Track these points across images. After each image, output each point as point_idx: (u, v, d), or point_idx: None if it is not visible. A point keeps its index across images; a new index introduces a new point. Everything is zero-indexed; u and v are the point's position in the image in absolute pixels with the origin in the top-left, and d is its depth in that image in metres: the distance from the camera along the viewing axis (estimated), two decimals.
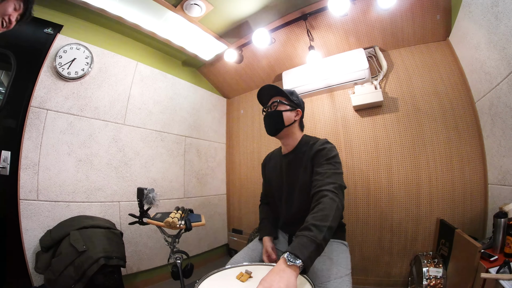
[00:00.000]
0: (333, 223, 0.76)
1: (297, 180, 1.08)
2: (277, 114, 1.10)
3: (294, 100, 1.14)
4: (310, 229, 0.73)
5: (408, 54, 2.06)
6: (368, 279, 1.97)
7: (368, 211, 2.02)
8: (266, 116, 1.14)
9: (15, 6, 0.90)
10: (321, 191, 0.85)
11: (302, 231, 0.74)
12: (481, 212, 1.65)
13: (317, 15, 2.00)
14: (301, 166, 1.06)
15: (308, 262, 0.67)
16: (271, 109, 1.13)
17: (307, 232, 0.72)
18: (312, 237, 0.70)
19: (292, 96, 1.14)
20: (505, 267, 0.97)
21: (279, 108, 1.11)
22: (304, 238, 0.71)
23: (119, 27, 2.11)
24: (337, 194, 0.84)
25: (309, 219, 0.77)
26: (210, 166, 2.89)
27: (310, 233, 0.71)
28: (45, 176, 1.65)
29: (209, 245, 2.72)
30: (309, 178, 1.00)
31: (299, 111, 1.17)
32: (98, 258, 1.39)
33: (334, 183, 0.87)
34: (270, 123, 1.13)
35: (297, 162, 1.10)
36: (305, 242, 0.70)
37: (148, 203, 1.28)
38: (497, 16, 1.28)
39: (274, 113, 1.11)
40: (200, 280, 0.76)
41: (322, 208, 0.79)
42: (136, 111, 2.22)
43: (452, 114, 1.83)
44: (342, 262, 0.98)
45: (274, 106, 1.12)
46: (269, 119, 1.12)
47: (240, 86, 3.01)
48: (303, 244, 0.69)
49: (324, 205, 0.80)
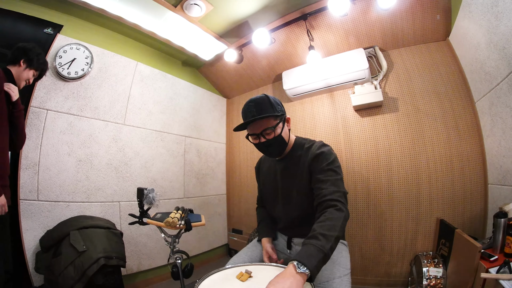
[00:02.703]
0: (340, 233, 0.77)
1: (294, 185, 1.04)
2: (279, 139, 0.99)
3: (279, 111, 1.00)
4: (318, 238, 0.73)
5: (408, 54, 2.06)
6: (368, 279, 1.97)
7: (368, 211, 2.02)
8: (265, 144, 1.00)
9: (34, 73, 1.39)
10: (326, 201, 0.85)
11: (310, 239, 0.74)
12: (481, 212, 1.65)
13: (317, 15, 2.00)
14: (298, 171, 1.03)
15: (315, 271, 0.68)
16: (264, 137, 0.99)
17: (314, 241, 0.73)
18: (320, 247, 0.71)
19: (277, 107, 1.00)
20: (505, 267, 0.97)
21: (277, 132, 0.98)
22: (311, 247, 0.71)
23: (119, 27, 2.11)
24: (343, 204, 0.84)
25: (316, 228, 0.77)
26: (210, 166, 2.89)
27: (318, 242, 0.72)
28: (45, 176, 1.66)
29: (209, 245, 2.72)
30: (307, 182, 0.98)
31: (288, 118, 1.07)
32: (98, 258, 1.40)
33: (338, 191, 0.87)
34: (273, 150, 1.03)
35: (293, 166, 1.06)
36: (312, 251, 0.71)
37: (148, 203, 1.27)
38: (497, 16, 1.28)
39: (274, 140, 0.98)
40: (200, 280, 0.76)
41: (329, 217, 0.80)
42: (136, 111, 2.22)
43: (452, 114, 1.83)
44: (342, 262, 0.98)
45: (268, 132, 0.98)
46: (270, 146, 1.01)
47: (240, 86, 3.01)
48: (310, 253, 0.70)
49: (332, 215, 0.80)
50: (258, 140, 1.01)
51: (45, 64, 1.43)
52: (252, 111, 0.96)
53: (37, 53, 1.37)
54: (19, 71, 1.33)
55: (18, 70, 1.32)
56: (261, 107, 0.96)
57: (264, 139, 0.99)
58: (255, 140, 1.02)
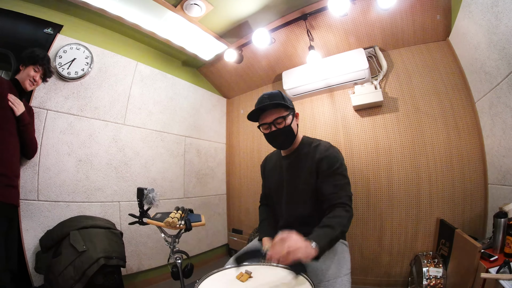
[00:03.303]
0: (345, 229, 0.88)
1: (299, 182, 1.07)
2: (288, 129, 1.05)
3: (290, 105, 1.06)
4: (327, 227, 0.85)
5: (408, 54, 2.06)
6: (368, 279, 1.97)
7: (368, 211, 2.02)
8: (275, 133, 1.05)
9: (34, 69, 1.39)
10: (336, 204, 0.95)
11: (320, 228, 0.85)
12: (481, 212, 1.65)
13: (317, 15, 2.00)
14: (304, 168, 1.06)
15: (322, 251, 0.76)
16: (275, 126, 1.04)
17: (324, 229, 0.84)
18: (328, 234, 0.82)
19: (289, 101, 1.07)
20: (505, 267, 0.97)
21: (287, 122, 1.04)
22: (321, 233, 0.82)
23: (119, 27, 2.11)
24: (350, 206, 0.95)
25: (325, 220, 0.88)
26: (210, 166, 2.89)
27: (327, 230, 0.83)
28: (45, 176, 1.66)
29: (209, 245, 2.72)
30: (314, 181, 1.03)
31: (297, 113, 1.12)
32: (98, 258, 1.39)
33: (346, 195, 0.97)
34: (283, 140, 1.08)
35: (299, 163, 1.09)
36: (322, 236, 0.81)
37: (148, 203, 1.27)
38: (497, 16, 1.28)
39: (285, 129, 1.04)
40: (200, 280, 0.76)
41: (337, 215, 0.91)
42: (136, 111, 2.22)
43: (452, 114, 1.83)
44: (342, 262, 0.98)
45: (279, 122, 1.03)
46: (280, 136, 1.06)
47: (240, 86, 3.01)
48: (320, 237, 0.80)
49: (339, 213, 0.91)
50: (269, 130, 1.05)
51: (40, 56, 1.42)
52: (265, 101, 1.03)
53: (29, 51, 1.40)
54: (21, 76, 1.38)
55: (21, 75, 1.38)
56: (274, 98, 1.03)
57: (275, 128, 1.04)
58: (266, 129, 1.06)
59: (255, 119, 1.10)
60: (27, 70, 1.38)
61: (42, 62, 1.41)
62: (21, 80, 1.37)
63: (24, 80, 1.37)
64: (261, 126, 1.08)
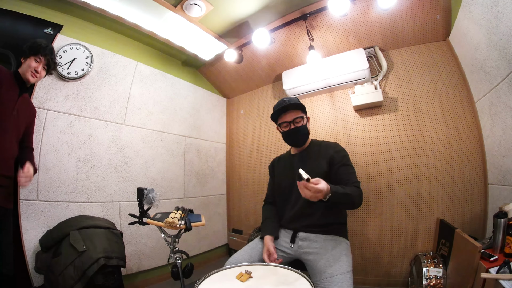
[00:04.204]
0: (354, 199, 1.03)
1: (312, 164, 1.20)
2: (304, 128, 1.23)
3: (304, 109, 1.26)
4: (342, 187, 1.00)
5: (408, 54, 2.06)
6: (368, 279, 1.97)
7: (368, 211, 2.02)
8: (294, 130, 1.22)
9: (35, 59, 1.28)
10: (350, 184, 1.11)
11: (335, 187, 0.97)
12: (481, 212, 1.65)
13: (317, 15, 2.00)
14: (316, 160, 1.21)
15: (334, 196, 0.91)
16: (294, 124, 1.21)
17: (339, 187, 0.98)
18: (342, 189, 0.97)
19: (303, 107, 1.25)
20: (505, 267, 0.97)
21: (304, 122, 1.23)
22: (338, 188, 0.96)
23: (119, 27, 2.11)
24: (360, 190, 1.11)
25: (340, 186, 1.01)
26: (210, 166, 2.89)
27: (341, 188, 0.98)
28: (45, 176, 1.65)
29: (209, 245, 2.72)
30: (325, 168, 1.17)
31: (309, 117, 1.29)
32: (98, 258, 1.39)
33: (358, 181, 1.14)
34: (300, 138, 1.25)
35: (310, 156, 1.25)
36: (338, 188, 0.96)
37: (148, 203, 1.27)
38: (497, 16, 1.28)
39: (302, 128, 1.22)
40: (200, 280, 0.77)
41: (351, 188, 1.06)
42: (136, 111, 2.22)
43: (452, 114, 1.83)
44: (344, 259, 1.01)
45: (298, 121, 1.21)
46: (298, 134, 1.23)
47: (240, 86, 3.01)
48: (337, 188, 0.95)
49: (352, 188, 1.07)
50: (289, 127, 1.23)
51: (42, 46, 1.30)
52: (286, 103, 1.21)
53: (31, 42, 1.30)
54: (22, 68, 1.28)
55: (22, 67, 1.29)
56: (293, 101, 1.23)
57: (294, 126, 1.22)
58: (286, 127, 1.24)
59: (274, 119, 1.28)
60: (28, 61, 1.27)
61: (44, 52, 1.29)
62: (22, 73, 1.26)
63: (25, 72, 1.26)
64: (281, 124, 1.25)
